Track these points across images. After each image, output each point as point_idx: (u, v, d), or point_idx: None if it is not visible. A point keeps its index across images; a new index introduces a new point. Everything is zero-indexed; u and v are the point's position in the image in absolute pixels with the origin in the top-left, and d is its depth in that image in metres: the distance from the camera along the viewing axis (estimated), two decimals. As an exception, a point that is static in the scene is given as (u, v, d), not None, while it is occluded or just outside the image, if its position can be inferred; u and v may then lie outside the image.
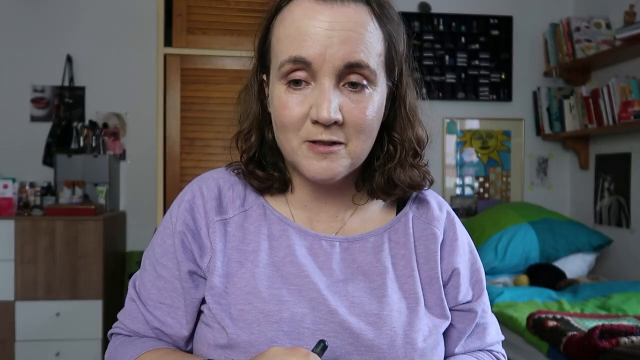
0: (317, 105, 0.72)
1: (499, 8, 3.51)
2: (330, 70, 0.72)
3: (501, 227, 2.97)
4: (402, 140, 0.82)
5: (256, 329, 0.73)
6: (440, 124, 3.49)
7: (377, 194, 0.84)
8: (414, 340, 0.76)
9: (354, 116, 0.74)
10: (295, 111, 0.74)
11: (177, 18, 2.81)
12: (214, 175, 0.86)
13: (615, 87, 2.85)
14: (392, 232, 0.84)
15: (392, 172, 0.82)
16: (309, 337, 0.73)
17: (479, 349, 0.88)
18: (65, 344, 2.74)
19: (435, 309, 0.82)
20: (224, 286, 0.78)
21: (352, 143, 0.75)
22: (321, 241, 0.81)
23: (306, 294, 0.76)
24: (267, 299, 0.75)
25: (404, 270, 0.82)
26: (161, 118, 2.80)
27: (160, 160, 2.80)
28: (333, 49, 0.72)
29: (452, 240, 0.86)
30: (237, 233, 0.81)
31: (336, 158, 0.75)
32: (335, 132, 0.74)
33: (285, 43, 0.74)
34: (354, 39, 0.73)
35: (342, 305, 0.76)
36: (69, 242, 2.75)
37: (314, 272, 0.78)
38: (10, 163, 3.15)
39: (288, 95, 0.74)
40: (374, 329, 0.75)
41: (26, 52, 3.20)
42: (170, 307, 0.81)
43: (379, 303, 0.77)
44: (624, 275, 3.05)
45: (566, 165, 3.59)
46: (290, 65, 0.73)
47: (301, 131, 0.74)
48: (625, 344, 1.78)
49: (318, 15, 0.73)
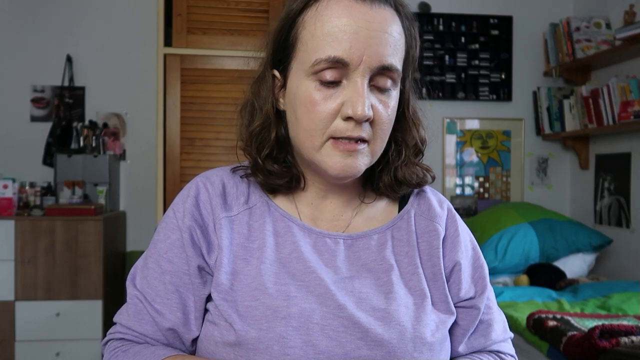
0: (353, 102, 0.73)
1: (499, 8, 3.51)
2: (365, 71, 0.74)
3: (501, 227, 2.97)
4: (406, 141, 0.85)
5: (264, 325, 0.73)
6: (440, 124, 3.49)
7: (385, 191, 0.86)
8: (422, 335, 0.76)
9: (382, 116, 0.77)
10: (326, 108, 0.75)
11: (177, 18, 2.81)
12: (217, 173, 0.86)
13: (615, 87, 2.85)
14: (394, 229, 0.85)
15: (398, 170, 0.85)
16: (318, 333, 0.73)
17: (483, 348, 0.86)
18: (65, 344, 2.74)
19: (441, 305, 0.82)
20: (230, 283, 0.77)
21: (375, 142, 0.78)
22: (325, 238, 0.82)
23: (314, 290, 0.76)
24: (275, 294, 0.75)
25: (408, 267, 0.82)
26: (161, 118, 2.80)
27: (160, 160, 2.80)
28: (371, 51, 0.73)
29: (453, 236, 0.87)
30: (242, 230, 0.81)
31: (360, 156, 0.77)
32: (365, 128, 0.76)
33: (322, 40, 0.74)
34: (389, 42, 0.75)
35: (349, 300, 0.76)
36: (69, 242, 2.75)
37: (320, 268, 0.78)
38: (10, 163, 3.15)
39: (318, 91, 0.75)
40: (382, 323, 0.75)
41: (26, 52, 3.20)
42: (179, 303, 0.78)
43: (386, 299, 0.77)
44: (624, 275, 3.05)
45: (566, 165, 3.59)
46: (327, 64, 0.73)
47: (329, 128, 0.75)
48: (625, 344, 1.78)
49: (357, 15, 0.73)
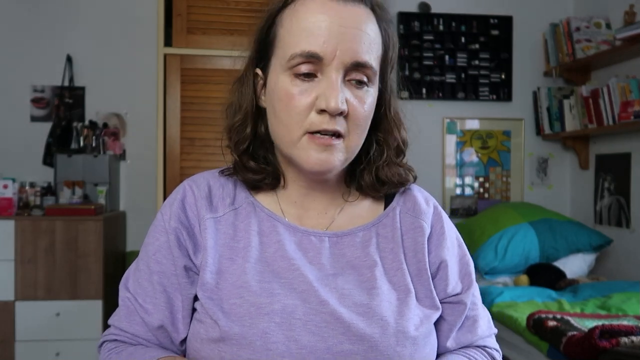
0: (326, 95, 0.75)
1: (499, 8, 3.51)
2: (339, 66, 0.76)
3: (501, 227, 2.97)
4: (387, 141, 0.86)
5: (248, 321, 0.74)
6: (440, 124, 3.49)
7: (366, 191, 0.87)
8: (405, 329, 0.77)
9: (356, 110, 0.78)
10: (301, 101, 0.76)
11: (177, 18, 2.81)
12: (204, 176, 0.89)
13: (615, 87, 2.85)
14: (380, 226, 0.86)
15: (380, 170, 0.86)
16: (300, 328, 0.74)
17: (471, 343, 0.88)
18: (65, 344, 2.74)
19: (426, 301, 0.83)
20: (215, 282, 0.79)
21: (350, 137, 0.79)
22: (310, 237, 0.83)
23: (297, 287, 0.77)
24: (258, 292, 0.76)
25: (392, 263, 0.83)
26: (161, 118, 2.80)
27: (160, 160, 2.80)
28: (344, 46, 0.75)
29: (439, 233, 0.88)
30: (228, 230, 0.82)
31: (334, 151, 0.78)
32: (339, 122, 0.77)
33: (298, 36, 0.76)
34: (363, 39, 0.77)
35: (332, 296, 0.77)
36: (69, 242, 2.75)
37: (304, 266, 0.79)
38: (10, 163, 3.15)
39: (294, 86, 0.77)
40: (364, 319, 0.76)
41: (26, 52, 3.20)
42: (167, 302, 0.81)
43: (369, 295, 0.78)
44: (624, 275, 3.05)
45: (566, 165, 3.59)
46: (301, 59, 0.76)
47: (304, 122, 0.77)
48: (625, 344, 1.78)
49: (332, 12, 0.76)
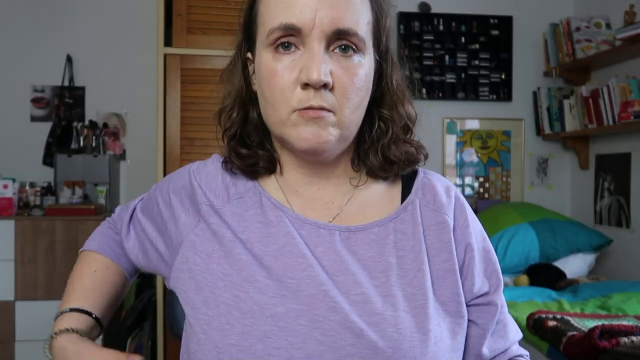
0: (307, 67, 0.70)
1: (499, 8, 3.51)
2: (319, 35, 0.70)
3: (501, 227, 2.97)
4: (392, 117, 0.80)
5: (250, 320, 0.69)
6: (440, 124, 3.49)
7: (375, 172, 0.80)
8: (423, 343, 0.69)
9: (343, 82, 0.72)
10: (285, 77, 0.71)
11: (177, 18, 2.81)
12: (207, 162, 0.87)
13: (615, 87, 2.85)
14: (398, 222, 0.78)
15: (386, 149, 0.79)
16: (305, 335, 0.68)
17: (504, 349, 0.83)
18: (65, 344, 2.74)
19: (450, 305, 0.75)
20: (216, 272, 0.75)
21: (341, 111, 0.72)
22: (319, 229, 0.76)
23: (304, 289, 0.71)
24: (264, 289, 0.71)
25: (412, 263, 0.75)
26: (161, 118, 2.79)
27: (160, 160, 2.80)
28: (323, 13, 0.70)
29: (462, 227, 0.80)
30: (232, 221, 0.77)
31: (325, 124, 0.72)
32: (325, 97, 0.71)
33: (275, 9, 0.72)
34: (344, 5, 0.71)
35: (343, 302, 0.70)
36: (69, 242, 2.75)
37: (313, 264, 0.73)
38: (10, 163, 3.14)
39: (276, 61, 0.72)
40: (377, 330, 0.69)
41: (26, 52, 3.21)
42: (141, 247, 0.88)
43: (384, 302, 0.71)
44: (624, 275, 3.05)
45: (566, 165, 3.59)
46: (280, 32, 0.71)
47: (291, 99, 0.71)
48: (625, 344, 1.78)
49: None
